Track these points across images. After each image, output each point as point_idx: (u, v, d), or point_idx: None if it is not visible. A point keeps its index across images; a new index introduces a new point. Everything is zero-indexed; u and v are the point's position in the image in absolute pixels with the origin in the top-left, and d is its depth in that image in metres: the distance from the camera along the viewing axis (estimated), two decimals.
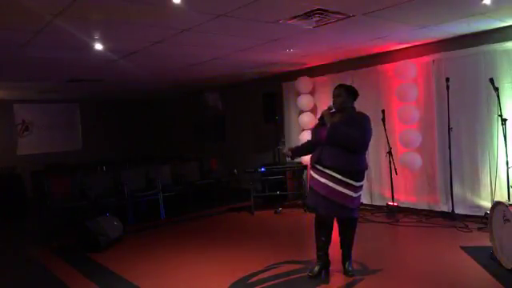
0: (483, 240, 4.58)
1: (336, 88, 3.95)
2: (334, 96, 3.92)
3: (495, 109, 5.22)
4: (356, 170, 3.76)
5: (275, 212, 7.09)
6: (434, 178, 6.21)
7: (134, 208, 7.13)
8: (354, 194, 3.74)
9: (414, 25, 5.13)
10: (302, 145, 4.39)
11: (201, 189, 8.39)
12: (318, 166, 3.79)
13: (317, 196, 3.78)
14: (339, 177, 3.67)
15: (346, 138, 3.69)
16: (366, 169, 3.91)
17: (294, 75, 7.92)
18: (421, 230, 5.53)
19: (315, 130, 4.03)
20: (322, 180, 3.73)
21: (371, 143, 3.96)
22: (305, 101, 7.67)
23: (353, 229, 3.97)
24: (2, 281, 4.61)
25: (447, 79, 5.62)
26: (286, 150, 4.33)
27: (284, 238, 5.69)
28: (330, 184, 3.69)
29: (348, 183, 3.69)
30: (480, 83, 5.56)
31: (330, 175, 3.70)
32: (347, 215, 3.83)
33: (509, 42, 5.35)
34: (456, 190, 5.82)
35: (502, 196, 5.28)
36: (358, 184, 3.75)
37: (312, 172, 3.89)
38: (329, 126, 3.76)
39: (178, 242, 5.64)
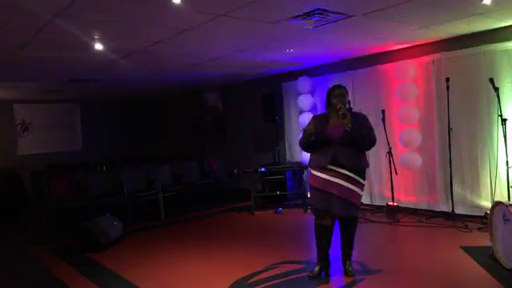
0: (483, 240, 4.58)
1: (336, 88, 3.90)
2: (338, 96, 3.83)
3: (495, 109, 5.23)
4: (363, 167, 3.86)
5: (275, 212, 7.09)
6: (434, 178, 6.21)
7: (133, 208, 7.13)
8: (361, 192, 3.84)
9: (414, 25, 5.13)
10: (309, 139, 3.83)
11: (201, 189, 8.39)
12: (332, 167, 3.72)
13: (329, 197, 3.74)
14: (353, 175, 3.72)
15: (364, 137, 3.74)
16: (368, 167, 3.97)
17: (293, 75, 7.92)
18: (421, 230, 5.53)
19: (320, 129, 3.76)
20: (336, 180, 3.71)
21: None
22: (305, 101, 7.66)
23: (354, 228, 3.98)
24: (2, 280, 4.61)
25: (447, 79, 5.62)
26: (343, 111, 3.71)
27: (284, 237, 5.69)
28: (344, 183, 3.71)
29: (359, 181, 3.78)
30: (480, 83, 5.56)
31: (345, 174, 3.71)
32: (354, 214, 3.89)
33: (509, 41, 5.35)
34: (456, 189, 5.82)
35: (502, 196, 5.28)
36: (364, 182, 3.87)
37: (319, 174, 3.78)
38: (347, 126, 3.62)
39: (178, 242, 5.64)
